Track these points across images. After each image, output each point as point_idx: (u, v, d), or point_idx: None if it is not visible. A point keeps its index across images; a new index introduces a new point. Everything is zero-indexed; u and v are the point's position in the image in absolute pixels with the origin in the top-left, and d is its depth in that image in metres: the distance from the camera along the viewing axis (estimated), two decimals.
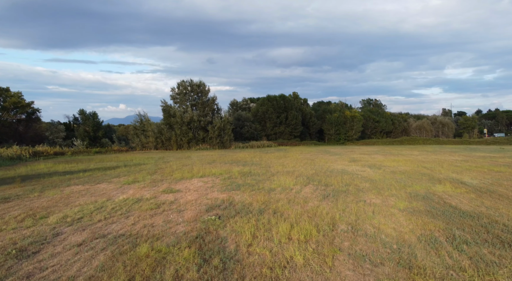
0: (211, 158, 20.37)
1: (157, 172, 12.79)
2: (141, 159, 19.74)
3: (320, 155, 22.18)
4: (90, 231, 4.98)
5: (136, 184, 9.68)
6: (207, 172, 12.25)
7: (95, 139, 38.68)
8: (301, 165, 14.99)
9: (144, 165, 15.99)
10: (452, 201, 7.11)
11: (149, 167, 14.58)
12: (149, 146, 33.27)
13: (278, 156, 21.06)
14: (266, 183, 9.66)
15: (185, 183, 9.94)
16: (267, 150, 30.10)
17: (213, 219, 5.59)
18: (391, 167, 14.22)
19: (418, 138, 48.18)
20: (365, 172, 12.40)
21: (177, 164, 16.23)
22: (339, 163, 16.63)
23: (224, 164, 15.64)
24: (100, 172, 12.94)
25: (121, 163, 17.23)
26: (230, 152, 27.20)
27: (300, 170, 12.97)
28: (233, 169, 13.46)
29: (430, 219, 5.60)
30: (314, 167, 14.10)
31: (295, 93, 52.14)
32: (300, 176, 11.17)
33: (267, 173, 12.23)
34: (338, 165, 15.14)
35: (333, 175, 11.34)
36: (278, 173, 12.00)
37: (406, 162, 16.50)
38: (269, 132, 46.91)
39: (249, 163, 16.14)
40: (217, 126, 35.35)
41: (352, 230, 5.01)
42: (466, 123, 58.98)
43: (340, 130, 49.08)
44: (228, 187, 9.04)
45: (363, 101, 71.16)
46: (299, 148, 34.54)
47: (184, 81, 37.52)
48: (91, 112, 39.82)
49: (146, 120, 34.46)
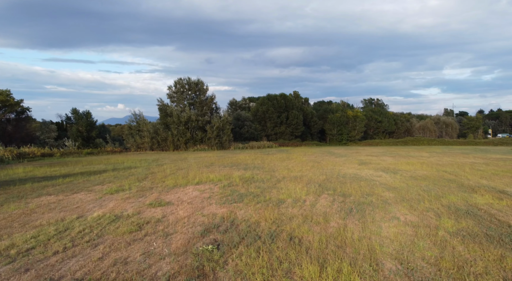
0: (209, 160, 18.93)
1: (148, 177, 11.33)
2: (133, 162, 18.27)
3: (325, 157, 20.79)
4: (34, 274, 3.53)
5: (120, 194, 8.22)
6: (204, 178, 10.82)
7: (88, 140, 37.14)
8: (308, 169, 13.58)
9: (135, 168, 14.54)
10: (507, 218, 5.72)
11: (139, 171, 13.13)
12: (145, 147, 31.77)
13: (281, 158, 19.64)
14: (273, 193, 8.23)
15: (178, 192, 8.50)
16: (268, 151, 28.68)
17: (209, 250, 4.16)
18: (408, 171, 12.83)
19: (423, 138, 46.90)
20: (382, 178, 11.00)
21: (172, 167, 14.78)
22: (349, 166, 15.24)
23: (223, 168, 14.21)
24: (83, 177, 11.46)
25: (111, 166, 15.75)
26: (230, 154, 25.76)
27: (308, 175, 11.55)
28: (233, 173, 12.03)
29: (499, 249, 4.18)
30: (323, 171, 12.69)
31: (296, 92, 50.78)
32: (311, 183, 9.75)
33: (272, 179, 10.82)
34: (349, 169, 13.73)
35: (348, 182, 9.93)
36: (285, 179, 10.58)
37: (421, 165, 15.11)
38: (270, 132, 45.50)
39: (250, 167, 14.72)
40: (215, 126, 33.91)
41: (404, 270, 3.59)
42: (470, 124, 57.77)
43: (343, 130, 47.74)
44: (228, 197, 7.61)
45: (365, 101, 69.85)
46: (302, 149, 33.15)
47: (181, 79, 36.04)
48: (84, 111, 38.26)
49: (142, 120, 32.93)
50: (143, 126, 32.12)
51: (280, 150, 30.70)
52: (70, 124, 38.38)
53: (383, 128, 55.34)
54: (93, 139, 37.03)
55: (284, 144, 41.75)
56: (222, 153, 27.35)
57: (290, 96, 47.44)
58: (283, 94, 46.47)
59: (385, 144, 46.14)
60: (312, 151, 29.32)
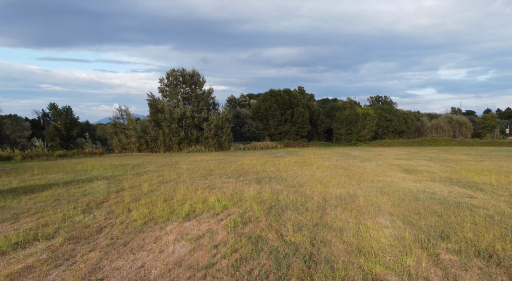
0: (206, 166, 14.69)
1: (109, 200, 7.08)
2: (106, 168, 13.96)
3: (348, 161, 16.65)
4: None
5: (12, 259, 3.98)
6: (199, 203, 6.59)
7: (68, 139, 32.63)
8: (346, 181, 9.41)
9: (101, 180, 10.24)
10: None
11: (102, 187, 8.83)
12: (131, 148, 27.36)
13: (296, 163, 15.45)
14: (336, 246, 4.06)
15: (146, 246, 4.28)
16: (275, 153, 24.47)
17: None
18: (493, 185, 8.71)
19: (440, 138, 43.04)
20: (476, 200, 6.92)
21: (154, 179, 10.52)
22: (394, 175, 11.17)
23: (226, 179, 10.00)
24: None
25: (70, 175, 11.44)
26: (231, 156, 21.53)
27: (359, 194, 7.40)
28: (244, 191, 7.81)
29: None
30: (371, 185, 8.54)
31: (301, 87, 46.62)
32: (380, 213, 5.64)
33: (307, 201, 6.66)
34: (403, 181, 9.60)
35: (441, 211, 5.77)
36: (330, 203, 6.42)
37: (499, 175, 11.02)
38: (273, 131, 41.28)
39: (264, 177, 10.53)
40: (213, 123, 29.62)
41: None
42: (485, 123, 54.13)
43: (352, 130, 43.68)
44: (252, 265, 3.42)
45: (371, 99, 65.89)
46: (312, 150, 28.97)
47: (174, 70, 31.64)
48: (64, 107, 33.68)
49: (128, 116, 28.48)
50: (129, 124, 27.69)
51: (289, 152, 26.51)
52: (48, 121, 33.82)
53: (393, 128, 51.42)
54: (74, 139, 32.56)
55: (289, 144, 37.56)
56: (221, 155, 23.09)
57: (295, 92, 43.24)
58: (288, 90, 42.25)
59: (399, 144, 42.20)
60: (325, 152, 25.17)
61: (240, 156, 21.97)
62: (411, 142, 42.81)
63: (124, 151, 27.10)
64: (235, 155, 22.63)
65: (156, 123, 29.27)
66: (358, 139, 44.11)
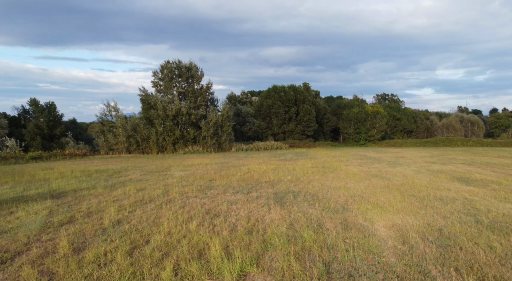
0: (205, 172, 11.65)
1: (13, 261, 4.05)
2: (72, 177, 10.88)
3: (376, 166, 13.68)
4: None
5: None
6: (192, 262, 3.56)
7: (51, 138, 29.44)
8: (402, 200, 6.39)
9: (43, 201, 7.20)
10: None
11: (35, 220, 5.79)
12: (119, 148, 24.24)
13: (315, 168, 12.43)
14: None
15: None
16: (283, 155, 21.47)
17: None
18: None
19: (456, 138, 40.23)
20: None
21: (130, 198, 7.49)
22: (451, 187, 8.19)
23: (233, 197, 6.97)
24: None
25: (15, 190, 8.37)
26: (233, 159, 18.50)
27: (446, 227, 4.37)
28: (264, 222, 4.77)
29: None
30: (451, 210, 5.52)
31: (306, 84, 43.65)
32: None
33: (378, 246, 3.61)
34: (482, 200, 6.62)
35: None
36: (419, 252, 3.38)
37: None
38: (276, 130, 38.29)
39: (284, 191, 7.51)
40: (212, 121, 26.58)
41: None
42: (498, 122, 51.45)
43: (361, 129, 40.77)
44: None
45: (378, 96, 62.98)
46: (322, 152, 25.95)
47: (169, 62, 28.54)
48: (47, 103, 30.47)
49: (116, 113, 25.35)
50: (118, 122, 24.56)
51: (297, 153, 23.49)
52: (29, 119, 30.61)
53: (402, 127, 48.63)
54: (58, 138, 29.38)
55: (294, 144, 34.59)
56: (222, 157, 20.05)
57: (301, 88, 40.24)
58: (293, 86, 39.25)
59: (412, 145, 39.35)
60: (338, 154, 22.18)
61: (244, 158, 18.95)
62: (424, 142, 39.97)
63: (111, 152, 23.99)
64: (238, 157, 19.60)
65: (149, 121, 26.18)
66: (367, 139, 41.22)
